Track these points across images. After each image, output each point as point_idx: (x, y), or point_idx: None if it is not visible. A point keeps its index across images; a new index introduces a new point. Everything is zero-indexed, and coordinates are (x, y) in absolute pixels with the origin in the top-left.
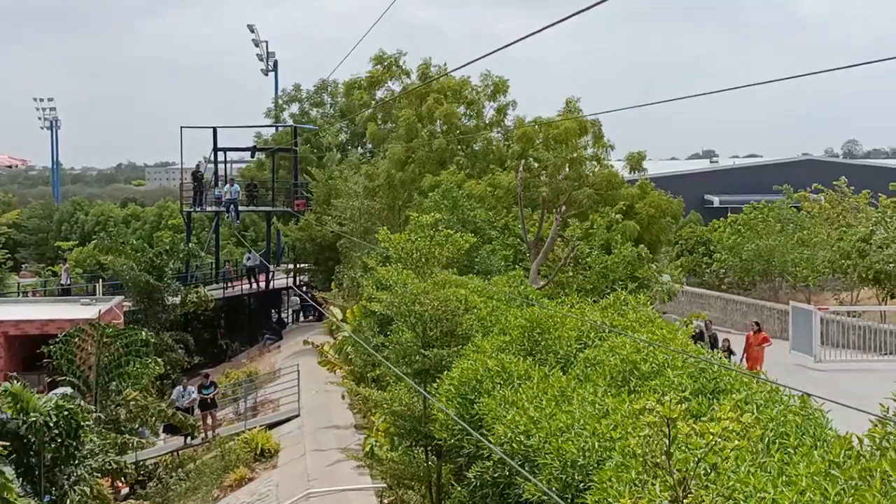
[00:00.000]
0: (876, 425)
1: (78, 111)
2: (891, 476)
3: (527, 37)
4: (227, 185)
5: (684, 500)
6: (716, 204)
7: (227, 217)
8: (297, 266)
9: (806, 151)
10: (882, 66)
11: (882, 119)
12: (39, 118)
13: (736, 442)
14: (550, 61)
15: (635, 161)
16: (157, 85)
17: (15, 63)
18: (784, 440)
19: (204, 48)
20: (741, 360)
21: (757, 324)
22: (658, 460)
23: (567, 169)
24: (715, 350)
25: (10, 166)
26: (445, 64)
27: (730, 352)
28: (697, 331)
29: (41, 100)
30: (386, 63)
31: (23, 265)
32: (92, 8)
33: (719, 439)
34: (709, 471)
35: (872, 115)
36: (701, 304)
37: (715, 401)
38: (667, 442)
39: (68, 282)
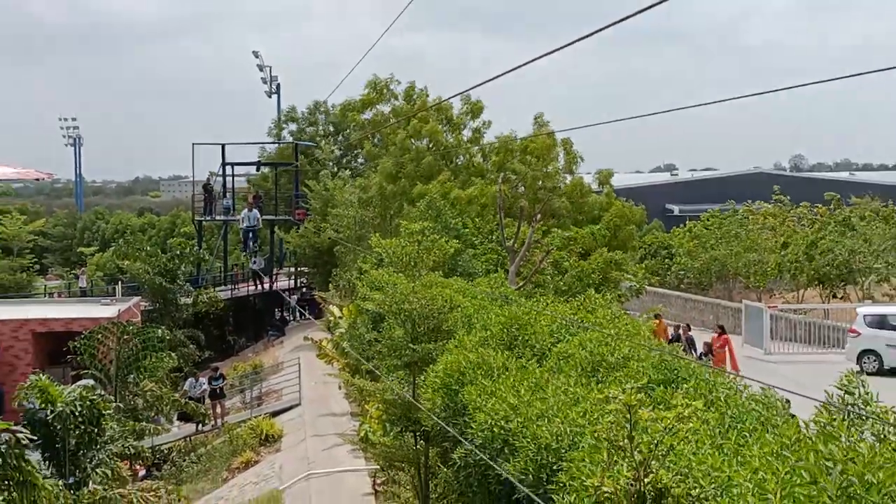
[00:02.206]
0: (821, 411)
1: (98, 129)
2: (834, 456)
3: (515, 69)
4: (246, 211)
5: (645, 479)
6: (676, 212)
7: (252, 261)
8: (298, 269)
9: (757, 165)
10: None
11: (825, 135)
12: (64, 136)
13: (690, 425)
14: (527, 81)
15: (604, 177)
16: (171, 105)
17: (41, 85)
18: (741, 425)
19: (214, 71)
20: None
21: (721, 327)
22: (622, 443)
23: (541, 181)
24: (678, 344)
25: (37, 179)
26: (425, 88)
27: (697, 350)
28: (674, 334)
29: (65, 119)
30: (379, 87)
31: (49, 269)
32: (112, 34)
33: (676, 423)
34: (667, 452)
35: (817, 133)
36: (662, 302)
37: (674, 389)
38: (629, 427)
39: (86, 285)
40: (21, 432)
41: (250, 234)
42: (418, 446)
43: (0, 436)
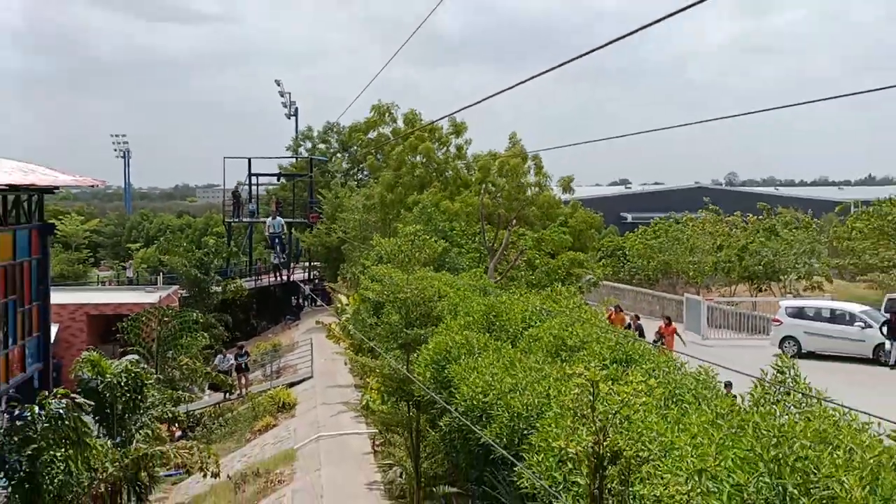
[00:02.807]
0: (756, 386)
1: (145, 143)
2: (761, 425)
3: (493, 95)
4: (270, 219)
5: (604, 443)
6: (629, 219)
7: (273, 256)
8: (311, 264)
9: (697, 180)
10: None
11: (754, 155)
12: (115, 149)
13: (642, 398)
14: (504, 106)
15: (566, 182)
16: (206, 124)
17: (97, 107)
18: (682, 398)
19: (242, 98)
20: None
21: (668, 318)
22: (585, 412)
23: (515, 194)
24: (630, 331)
25: (92, 186)
26: (420, 113)
27: (645, 336)
28: (628, 322)
29: (116, 135)
30: (381, 111)
31: (101, 262)
32: (158, 64)
33: (631, 397)
34: (622, 420)
35: (747, 153)
36: (617, 295)
37: (627, 368)
38: (591, 398)
39: (133, 275)
40: (77, 397)
41: (276, 240)
42: (411, 413)
43: (60, 401)
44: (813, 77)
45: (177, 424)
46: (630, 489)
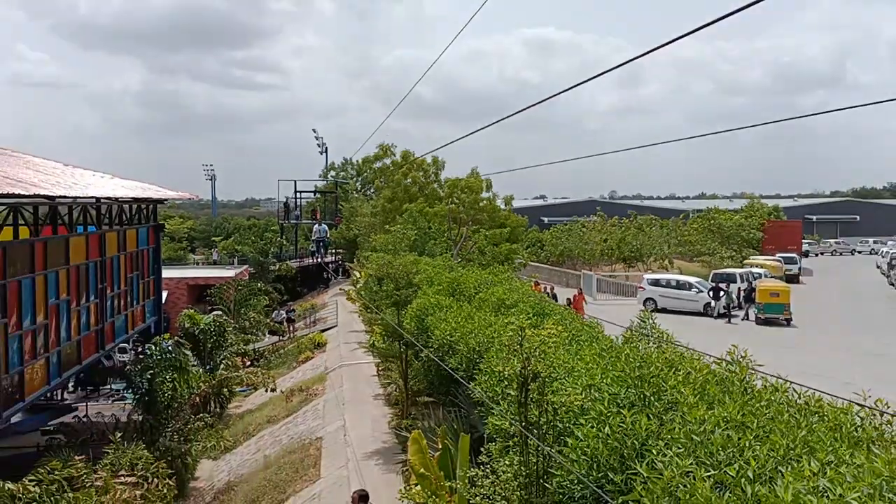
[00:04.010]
0: (630, 332)
1: (225, 170)
2: (629, 355)
3: (457, 140)
4: (317, 225)
5: (528, 367)
6: (546, 222)
7: (315, 256)
8: (336, 251)
9: (591, 195)
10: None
11: (628, 178)
12: (205, 174)
13: (554, 339)
14: (463, 145)
15: (508, 200)
16: (266, 156)
17: (193, 145)
18: (579, 338)
19: (290, 138)
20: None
21: (580, 290)
22: (515, 348)
23: (472, 204)
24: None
25: (190, 198)
26: (413, 151)
27: (558, 300)
28: (547, 291)
29: (206, 164)
30: (385, 148)
31: (195, 249)
32: (234, 118)
33: (546, 337)
34: (540, 353)
35: (622, 176)
36: (537, 271)
37: (544, 319)
38: (520, 339)
39: (217, 258)
40: (181, 339)
41: (320, 242)
42: (402, 349)
43: (168, 342)
44: (665, 126)
45: (247, 357)
46: (545, 398)
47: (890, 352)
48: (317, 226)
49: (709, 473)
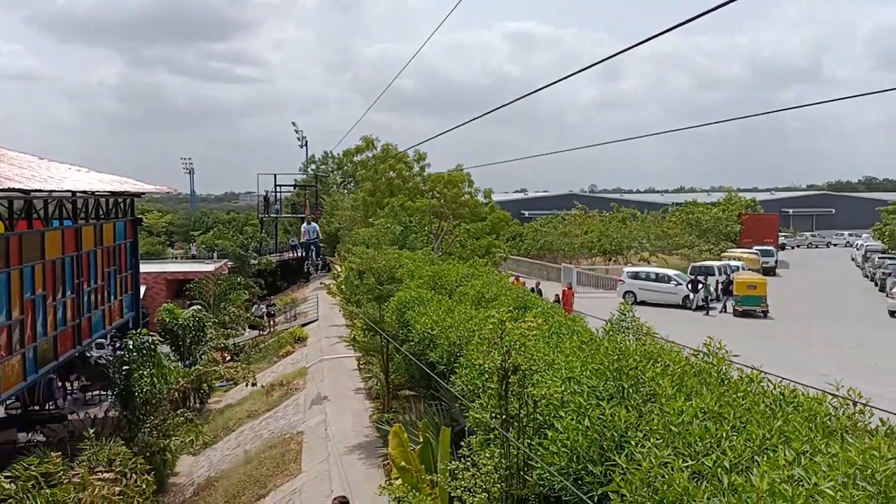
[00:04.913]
0: (610, 324)
1: (204, 163)
2: (609, 347)
3: (438, 135)
4: (305, 224)
5: (508, 360)
6: (527, 215)
7: (308, 260)
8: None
9: (571, 189)
10: (608, 147)
11: (608, 172)
12: (184, 167)
13: (534, 332)
14: (446, 139)
15: (487, 193)
16: (246, 150)
17: (172, 139)
18: (559, 332)
19: (271, 131)
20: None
21: (570, 285)
22: (496, 341)
23: (453, 199)
24: (534, 292)
25: (167, 192)
26: (396, 145)
27: (542, 295)
28: (533, 287)
29: (184, 158)
30: (367, 141)
31: (174, 244)
32: (214, 111)
33: (526, 330)
34: (520, 346)
35: (604, 169)
36: (518, 264)
37: (524, 312)
38: (500, 332)
39: (196, 252)
40: (157, 336)
41: (311, 247)
42: (383, 343)
43: (145, 337)
44: (644, 120)
45: (227, 352)
46: (525, 390)
47: (864, 343)
48: (305, 224)
49: (686, 464)
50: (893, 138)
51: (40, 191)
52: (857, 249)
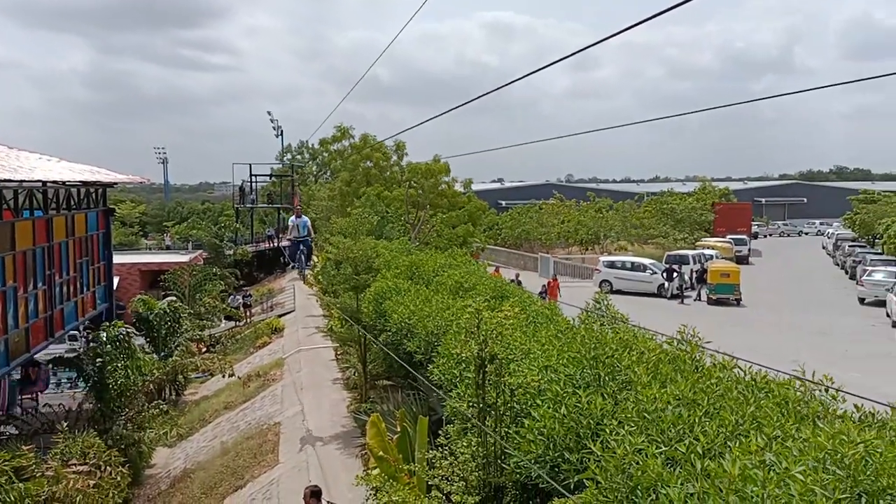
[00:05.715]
0: (585, 312)
1: (178, 153)
2: (585, 336)
3: (416, 125)
4: (294, 218)
5: (485, 350)
6: (504, 205)
7: (296, 264)
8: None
9: (548, 178)
10: (585, 136)
11: (584, 161)
12: (157, 157)
13: (511, 321)
14: (422, 129)
15: (467, 183)
16: (220, 139)
17: (144, 128)
18: (536, 320)
19: (245, 120)
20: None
21: (555, 277)
22: (473, 330)
23: (430, 188)
24: (514, 284)
25: (141, 182)
26: (374, 135)
27: (522, 284)
28: (513, 278)
29: (157, 147)
30: (343, 129)
31: (148, 234)
32: (186, 99)
33: (503, 320)
34: (497, 335)
35: (579, 159)
36: (495, 254)
37: (501, 302)
38: (477, 321)
39: (170, 243)
40: (131, 328)
41: (301, 246)
42: (360, 333)
43: (119, 329)
44: (618, 109)
45: (203, 343)
46: (502, 379)
47: (835, 330)
48: (294, 218)
49: (660, 450)
50: (863, 128)
51: (10, 181)
52: (828, 238)
